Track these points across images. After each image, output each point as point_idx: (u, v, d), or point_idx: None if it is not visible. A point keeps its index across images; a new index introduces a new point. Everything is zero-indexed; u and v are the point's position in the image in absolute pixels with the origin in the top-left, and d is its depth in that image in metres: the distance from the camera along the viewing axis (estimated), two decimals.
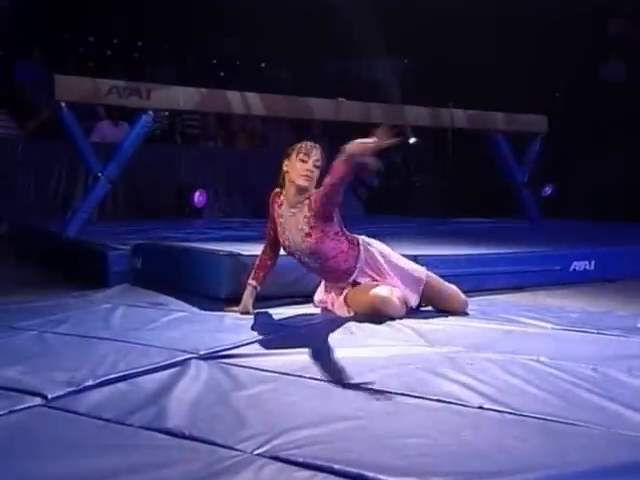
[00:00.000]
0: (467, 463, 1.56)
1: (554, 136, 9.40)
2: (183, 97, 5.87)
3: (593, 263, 5.07)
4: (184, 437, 1.69)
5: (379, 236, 6.43)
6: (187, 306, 3.47)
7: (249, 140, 10.85)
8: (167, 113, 7.61)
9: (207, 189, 9.61)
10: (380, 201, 11.14)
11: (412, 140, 11.34)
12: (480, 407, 1.95)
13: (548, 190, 11.38)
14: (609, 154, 10.24)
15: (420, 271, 3.47)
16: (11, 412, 1.85)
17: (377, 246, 3.48)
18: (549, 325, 3.14)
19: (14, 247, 7.10)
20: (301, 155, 3.23)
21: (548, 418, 1.86)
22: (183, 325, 3.00)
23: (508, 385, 2.16)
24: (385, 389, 2.09)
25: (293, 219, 3.28)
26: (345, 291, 3.34)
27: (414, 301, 3.35)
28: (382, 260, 3.39)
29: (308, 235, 3.22)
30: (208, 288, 3.69)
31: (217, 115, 9.62)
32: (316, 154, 3.25)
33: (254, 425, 1.77)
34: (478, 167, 10.63)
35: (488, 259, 4.58)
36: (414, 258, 4.22)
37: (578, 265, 5.01)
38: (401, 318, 3.16)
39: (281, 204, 3.36)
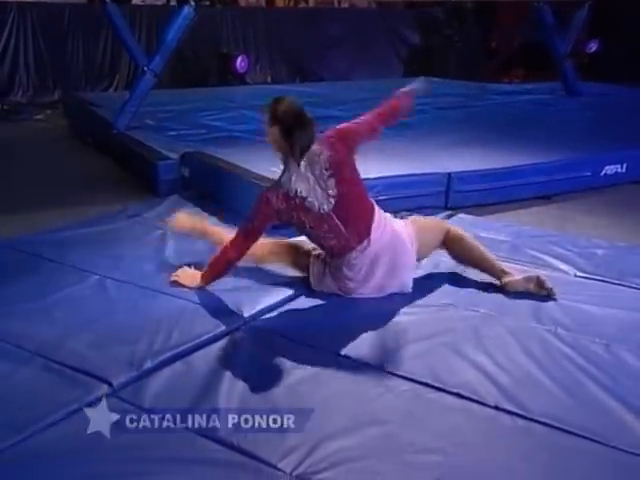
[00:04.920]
0: None
1: None
2: None
3: (625, 166, 5.01)
4: (233, 448, 1.89)
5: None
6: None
7: None
8: (208, 3, 7.31)
9: (248, 54, 9.42)
10: (419, 61, 10.79)
11: None
12: (496, 406, 2.11)
13: (593, 46, 10.90)
14: None
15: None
16: (84, 406, 2.06)
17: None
18: (572, 271, 3.21)
19: (68, 122, 7.20)
20: None
21: (556, 425, 2.01)
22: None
23: (523, 373, 2.30)
24: (410, 376, 2.26)
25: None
26: None
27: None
28: None
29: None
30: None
31: None
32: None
33: (294, 433, 1.95)
34: (521, 29, 10.17)
35: (518, 171, 4.55)
36: (448, 175, 4.26)
37: (610, 169, 4.96)
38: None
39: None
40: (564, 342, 2.51)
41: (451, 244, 3.06)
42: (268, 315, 2.71)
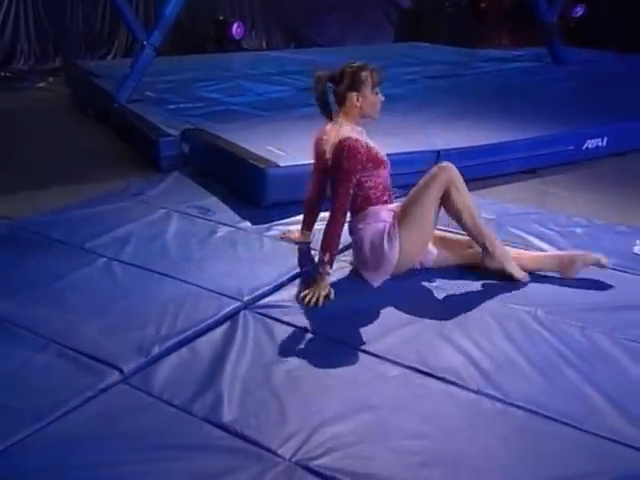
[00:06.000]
0: (457, 477, 1.86)
1: None
2: None
3: (605, 140, 5.06)
4: (236, 435, 1.98)
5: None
6: (230, 214, 3.65)
7: None
8: None
9: (244, 20, 9.31)
10: (410, 26, 10.65)
11: None
12: (478, 391, 2.20)
13: (580, 11, 10.78)
14: None
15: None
16: (99, 392, 2.15)
17: None
18: (553, 250, 3.28)
19: (69, 90, 7.14)
20: (376, 88, 2.91)
21: (532, 409, 2.11)
22: (229, 254, 3.18)
23: (504, 357, 2.39)
24: (399, 361, 2.35)
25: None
26: None
27: None
28: None
29: None
30: (250, 193, 3.83)
31: None
32: None
33: (292, 419, 2.05)
34: None
35: (505, 147, 4.59)
36: (437, 153, 4.30)
37: (591, 143, 5.01)
38: None
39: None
40: (542, 325, 2.61)
41: (446, 202, 2.93)
42: (267, 299, 2.77)
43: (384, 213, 2.95)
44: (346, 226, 2.97)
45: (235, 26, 8.92)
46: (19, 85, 7.59)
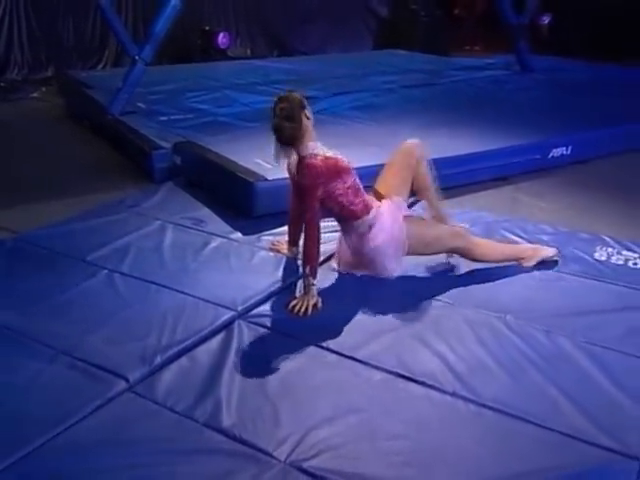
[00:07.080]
0: (436, 474, 1.98)
1: None
2: None
3: (570, 148, 5.21)
4: (235, 439, 2.10)
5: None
6: (222, 225, 3.74)
7: None
8: None
9: (229, 28, 9.37)
10: (387, 35, 10.76)
11: None
12: (453, 393, 2.33)
13: (546, 19, 10.94)
14: None
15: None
16: (107, 401, 2.25)
17: None
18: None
19: (63, 101, 7.16)
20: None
21: (502, 409, 2.25)
22: (222, 264, 3.28)
23: (477, 360, 2.53)
24: (383, 366, 2.47)
25: None
26: None
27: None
28: None
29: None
30: (239, 205, 3.92)
31: None
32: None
33: (286, 423, 2.17)
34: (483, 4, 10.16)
35: (478, 157, 4.72)
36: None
37: (556, 152, 5.16)
38: None
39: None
40: (511, 330, 2.74)
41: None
42: (259, 308, 2.88)
43: (374, 216, 3.10)
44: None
45: (221, 36, 8.98)
46: (13, 95, 7.58)
